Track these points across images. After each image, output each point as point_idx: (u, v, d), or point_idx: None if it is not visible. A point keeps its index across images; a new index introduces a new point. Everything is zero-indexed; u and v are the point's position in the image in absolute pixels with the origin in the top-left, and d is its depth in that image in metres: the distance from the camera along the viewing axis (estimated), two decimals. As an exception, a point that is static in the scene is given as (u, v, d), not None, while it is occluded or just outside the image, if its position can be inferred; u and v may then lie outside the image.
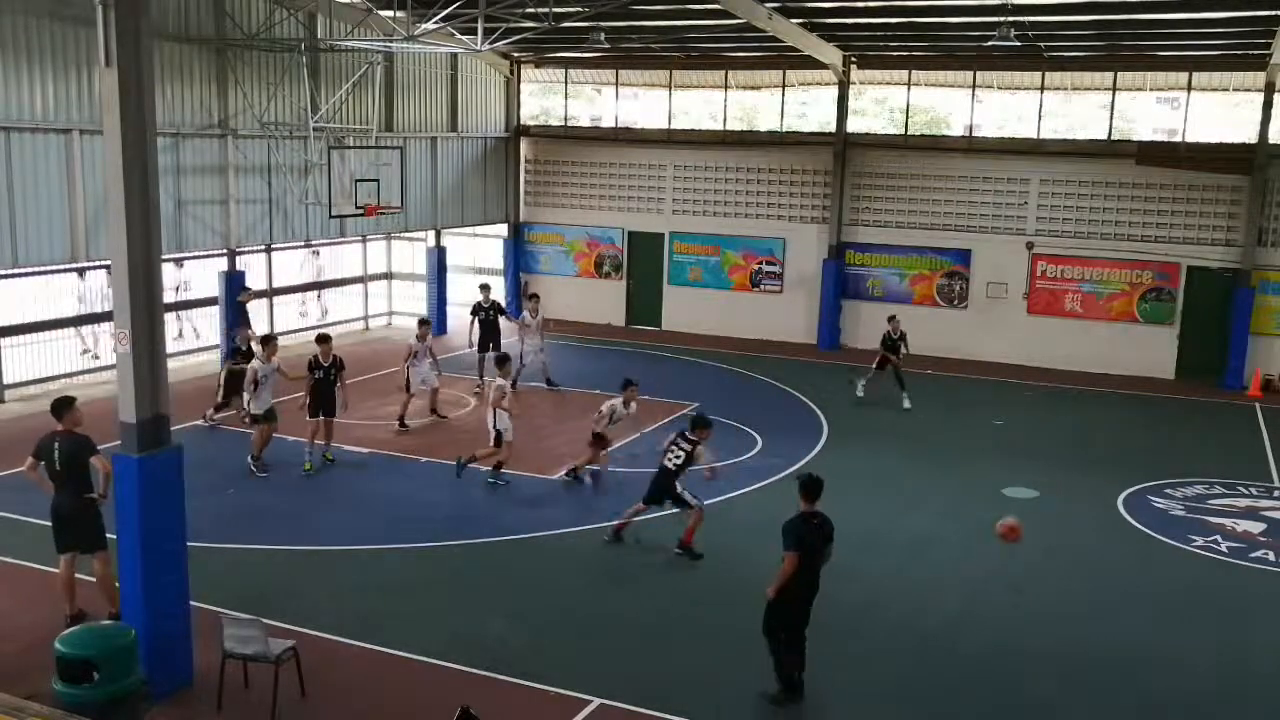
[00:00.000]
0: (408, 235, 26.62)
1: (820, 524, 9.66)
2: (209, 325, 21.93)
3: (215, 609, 9.96)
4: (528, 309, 20.72)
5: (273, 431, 15.46)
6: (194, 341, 22.52)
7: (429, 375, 18.03)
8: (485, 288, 21.33)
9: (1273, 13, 18.28)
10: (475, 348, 20.49)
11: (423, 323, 18.66)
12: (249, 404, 15.61)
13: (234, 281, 20.81)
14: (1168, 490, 15.67)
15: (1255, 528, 14.05)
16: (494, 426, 15.09)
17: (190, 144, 19.20)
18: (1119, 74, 23.27)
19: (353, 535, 13.08)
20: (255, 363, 15.65)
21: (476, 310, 20.62)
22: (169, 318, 19.67)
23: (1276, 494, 15.63)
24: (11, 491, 14.10)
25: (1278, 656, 10.85)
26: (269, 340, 16.13)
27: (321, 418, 15.58)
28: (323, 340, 15.72)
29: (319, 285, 26.00)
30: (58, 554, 10.41)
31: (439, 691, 9.41)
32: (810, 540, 9.52)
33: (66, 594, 10.38)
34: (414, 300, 27.22)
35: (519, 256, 28.36)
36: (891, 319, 20.51)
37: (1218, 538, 13.78)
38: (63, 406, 10.54)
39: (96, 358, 20.28)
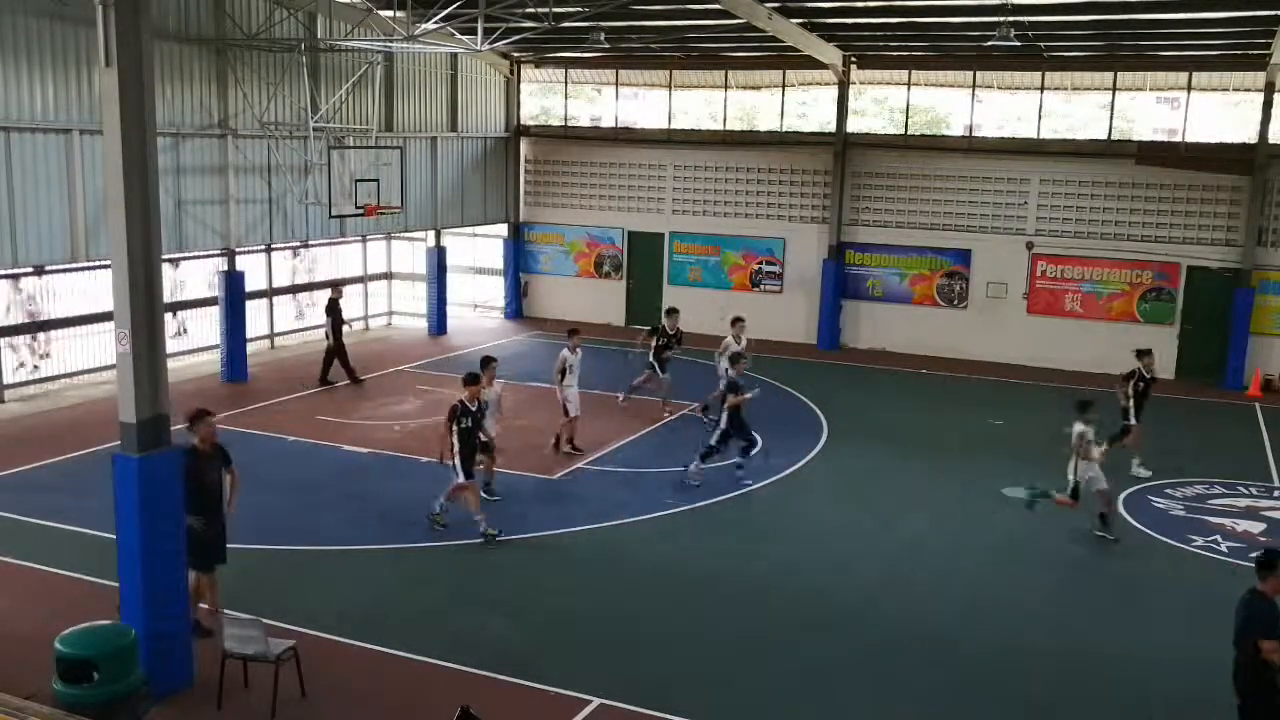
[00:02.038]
0: (408, 235, 26.62)
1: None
2: (209, 325, 21.90)
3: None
4: (732, 333, 18.58)
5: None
6: (193, 342, 22.48)
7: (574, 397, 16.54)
8: (673, 312, 19.37)
9: (1273, 13, 18.28)
10: (659, 370, 18.87)
11: (574, 331, 17.26)
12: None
13: (234, 281, 20.81)
14: (1168, 490, 15.68)
15: (1255, 528, 14.04)
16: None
17: (190, 144, 19.20)
18: (1119, 74, 23.26)
19: (353, 535, 13.09)
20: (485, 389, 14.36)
21: (659, 334, 18.64)
22: (167, 317, 19.60)
23: (1276, 494, 15.63)
24: (11, 491, 14.13)
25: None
26: (487, 363, 14.74)
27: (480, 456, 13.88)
28: (472, 381, 13.74)
29: (318, 286, 25.96)
30: (206, 573, 10.16)
31: (439, 691, 9.41)
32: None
33: (195, 603, 10.16)
34: (414, 300, 27.24)
35: (519, 256, 28.35)
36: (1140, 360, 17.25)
37: (1218, 538, 13.78)
38: (195, 419, 10.20)
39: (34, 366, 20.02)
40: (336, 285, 21.56)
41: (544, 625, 10.90)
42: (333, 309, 20.60)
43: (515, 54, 26.85)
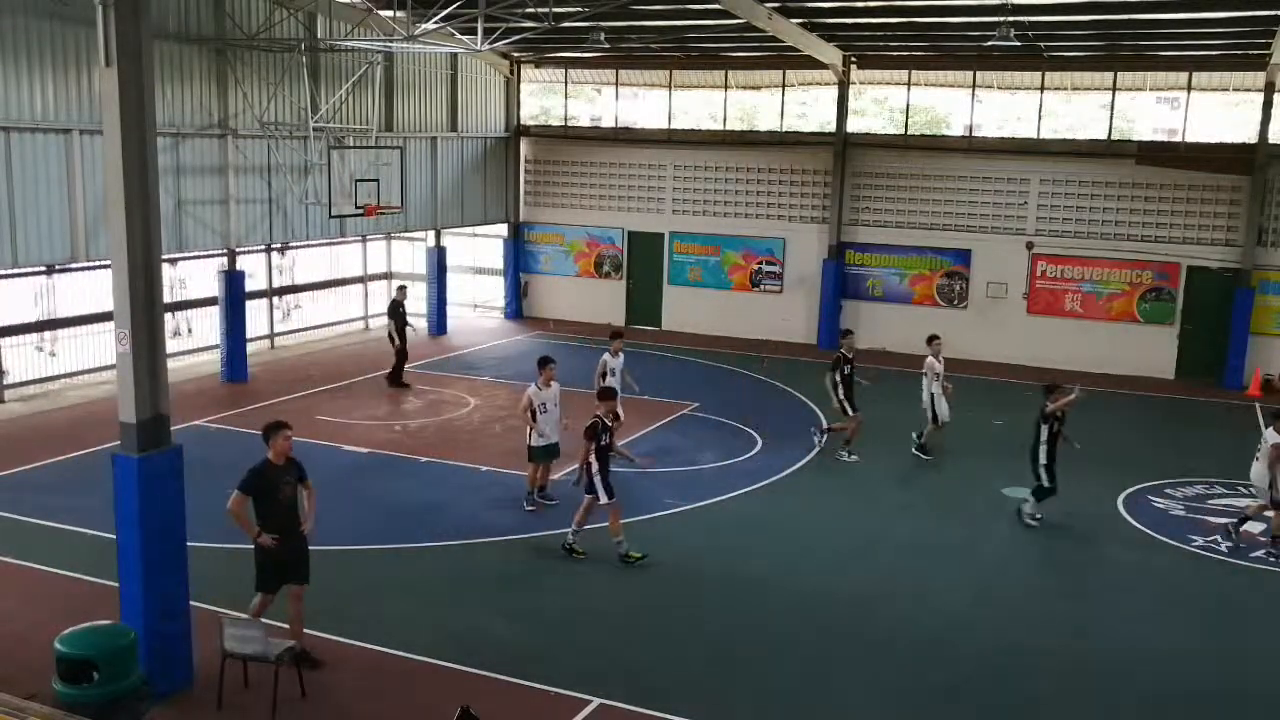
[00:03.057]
0: (408, 235, 26.62)
1: None
2: (209, 325, 21.91)
3: (215, 609, 9.96)
4: (931, 351, 17.12)
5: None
6: (193, 342, 22.51)
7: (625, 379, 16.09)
8: (849, 334, 17.69)
9: (1273, 13, 18.28)
10: (851, 407, 17.10)
11: (617, 334, 16.75)
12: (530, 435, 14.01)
13: (234, 281, 20.82)
14: (1168, 490, 15.67)
15: (1255, 528, 14.02)
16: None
17: (190, 144, 19.20)
18: (1119, 74, 23.27)
19: (353, 535, 13.08)
20: (531, 389, 13.96)
21: (841, 364, 17.00)
22: (166, 317, 19.63)
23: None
24: (11, 491, 14.13)
25: (1277, 657, 10.85)
26: (545, 363, 14.07)
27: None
28: (608, 396, 13.03)
29: (318, 286, 25.98)
30: (268, 593, 9.68)
31: (439, 691, 9.41)
32: None
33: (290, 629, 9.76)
34: (414, 300, 27.19)
35: (519, 256, 28.36)
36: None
37: (1217, 538, 13.78)
38: (272, 431, 9.66)
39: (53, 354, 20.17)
40: (401, 287, 21.16)
41: (544, 625, 10.90)
42: (395, 310, 20.36)
43: (515, 54, 26.86)
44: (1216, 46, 21.81)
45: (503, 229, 28.26)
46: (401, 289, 21.08)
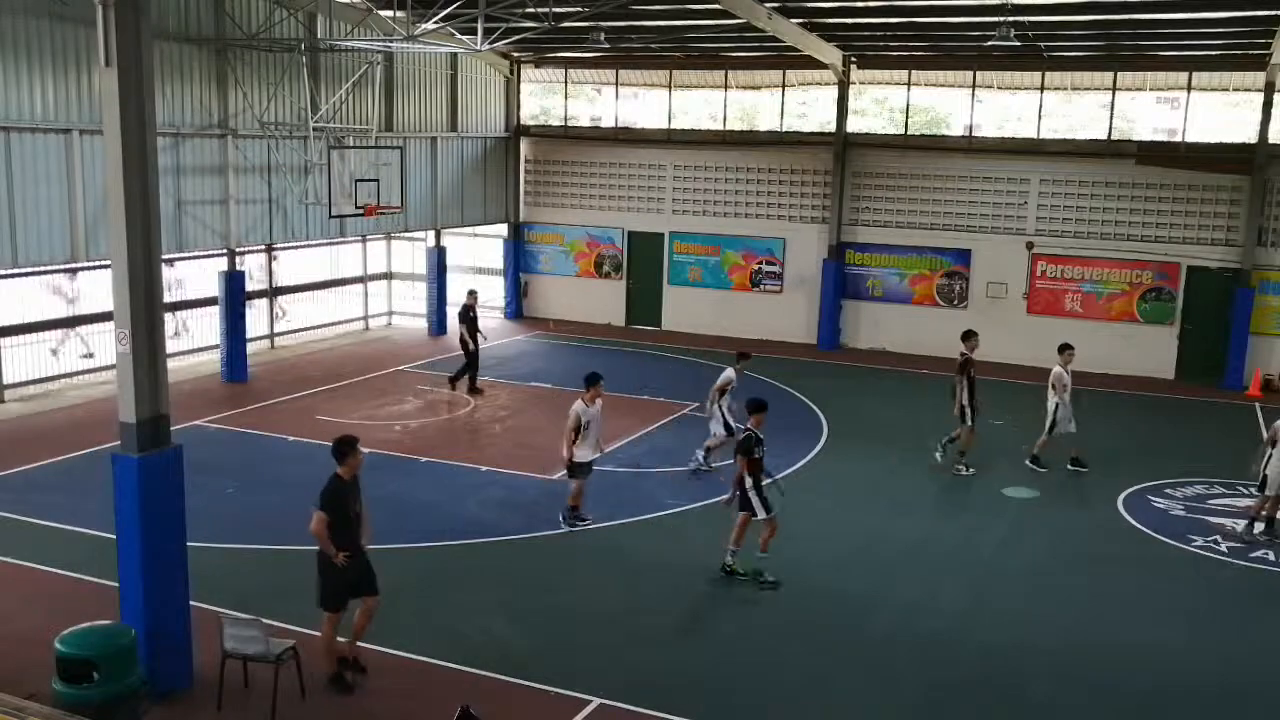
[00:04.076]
0: (408, 235, 26.62)
1: None
2: (208, 325, 21.91)
3: (215, 609, 9.97)
4: (1060, 361, 16.49)
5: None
6: (192, 342, 22.49)
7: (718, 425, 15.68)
8: (971, 334, 16.96)
9: (1273, 13, 18.28)
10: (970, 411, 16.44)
11: (743, 355, 16.51)
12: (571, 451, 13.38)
13: (234, 281, 20.81)
14: (1168, 490, 15.67)
15: (1255, 528, 14.03)
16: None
17: (190, 144, 19.20)
18: (1119, 74, 23.27)
19: (353, 535, 13.06)
20: (579, 405, 13.44)
21: (967, 368, 16.47)
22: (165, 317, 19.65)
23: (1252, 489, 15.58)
24: (11, 491, 14.13)
25: (1277, 656, 10.85)
26: (593, 381, 13.64)
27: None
28: (759, 409, 12.35)
29: (319, 286, 25.96)
30: (334, 611, 9.46)
31: (439, 691, 9.41)
32: None
33: (333, 653, 9.56)
34: (414, 300, 27.24)
35: (519, 256, 28.35)
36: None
37: (1218, 538, 13.78)
38: (347, 449, 9.41)
39: (89, 355, 20.29)
40: (472, 292, 20.84)
41: (544, 625, 10.90)
42: (466, 315, 20.09)
43: (515, 54, 26.86)
44: (1216, 46, 21.81)
45: (503, 229, 28.26)
46: (472, 293, 20.67)
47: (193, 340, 22.41)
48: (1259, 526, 13.95)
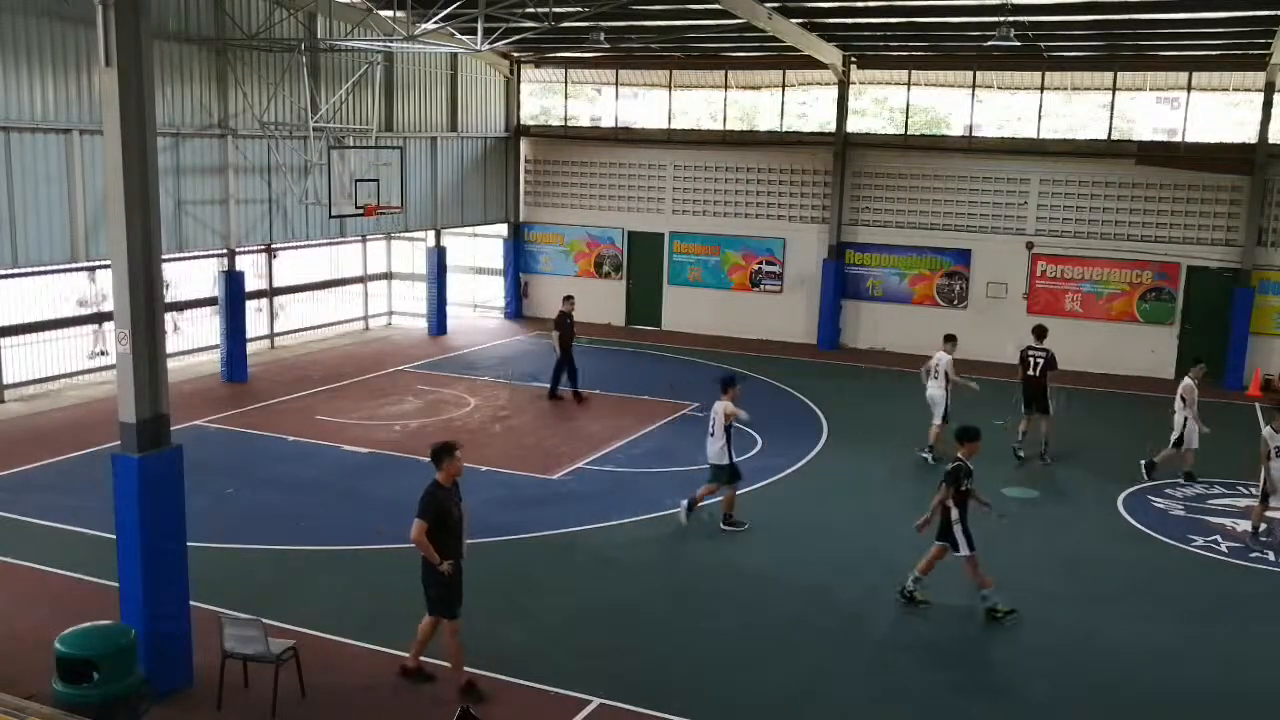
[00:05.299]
0: (408, 235, 26.62)
1: None
2: (203, 326, 21.92)
3: (215, 609, 9.97)
4: (1191, 376, 16.10)
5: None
6: (191, 341, 22.47)
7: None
8: (1040, 330, 17.27)
9: (1273, 13, 18.28)
10: (1024, 406, 17.11)
11: (950, 338, 16.65)
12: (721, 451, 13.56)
13: (234, 281, 20.81)
14: (1168, 490, 15.67)
15: (1261, 533, 14.02)
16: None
17: (190, 144, 19.20)
18: (1119, 74, 23.27)
19: (353, 535, 13.08)
20: (728, 405, 13.56)
21: (1026, 360, 16.98)
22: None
23: (1253, 489, 15.57)
24: (11, 491, 14.13)
25: (1277, 656, 10.85)
26: (731, 383, 13.75)
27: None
28: (972, 437, 11.61)
29: (318, 286, 25.96)
30: (453, 619, 9.35)
31: (439, 691, 9.40)
32: None
33: (460, 662, 9.46)
34: (414, 300, 27.24)
35: (519, 256, 28.35)
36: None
37: (1218, 538, 13.78)
38: (445, 454, 9.30)
39: (104, 353, 20.30)
40: (568, 298, 20.57)
41: (544, 625, 10.90)
42: (561, 322, 19.83)
43: (515, 54, 26.86)
44: (1216, 46, 21.81)
45: (503, 229, 28.26)
46: (568, 299, 20.41)
47: (187, 341, 22.37)
48: (1263, 525, 13.92)
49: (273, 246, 22.90)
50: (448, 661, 9.51)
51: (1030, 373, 17.10)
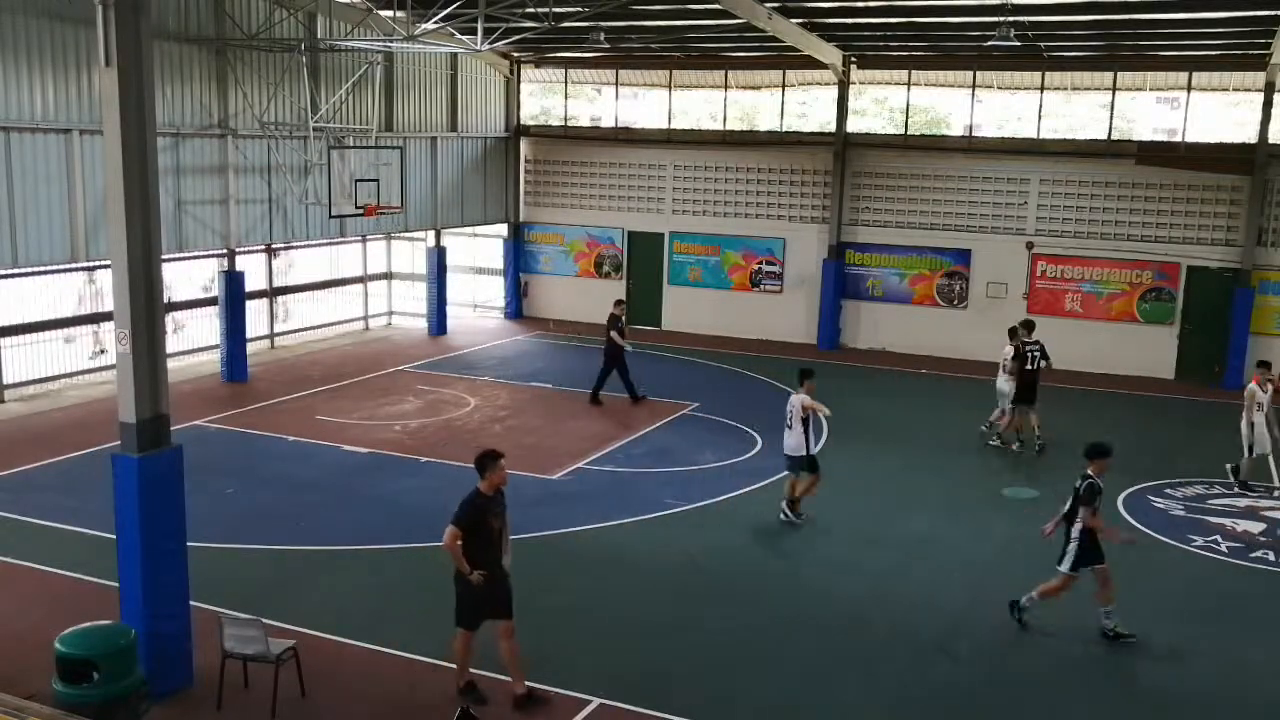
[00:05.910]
0: (408, 235, 26.62)
1: None
2: (200, 327, 21.92)
3: (215, 609, 9.97)
4: (1258, 381, 15.72)
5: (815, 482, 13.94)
6: (192, 341, 22.47)
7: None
8: (1030, 324, 18.02)
9: (1273, 13, 18.27)
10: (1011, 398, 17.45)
11: (1263, 364, 15.99)
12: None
13: (234, 281, 20.81)
14: (1168, 490, 15.67)
15: (1255, 528, 14.05)
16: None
17: (190, 144, 19.20)
18: (1119, 74, 23.26)
19: (353, 535, 13.09)
20: (804, 397, 13.71)
21: (1020, 353, 17.39)
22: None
23: (1276, 494, 15.62)
24: (11, 491, 14.13)
25: (1277, 656, 10.85)
26: (807, 375, 13.89)
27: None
28: (1103, 453, 11.08)
29: (319, 286, 25.96)
30: (467, 629, 9.27)
31: (439, 691, 9.41)
32: None
33: (464, 666, 9.40)
34: (414, 300, 27.25)
35: (519, 256, 28.35)
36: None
37: (1218, 538, 13.78)
38: (489, 462, 9.14)
39: (103, 351, 20.31)
40: (619, 301, 20.38)
41: (544, 625, 10.88)
42: (614, 324, 19.55)
43: (515, 54, 26.86)
44: (1216, 46, 21.81)
45: (503, 229, 28.26)
46: (620, 303, 20.21)
47: (187, 341, 22.35)
48: (1258, 526, 13.94)
49: (273, 246, 22.90)
50: (508, 675, 9.36)
51: (1029, 367, 17.27)
